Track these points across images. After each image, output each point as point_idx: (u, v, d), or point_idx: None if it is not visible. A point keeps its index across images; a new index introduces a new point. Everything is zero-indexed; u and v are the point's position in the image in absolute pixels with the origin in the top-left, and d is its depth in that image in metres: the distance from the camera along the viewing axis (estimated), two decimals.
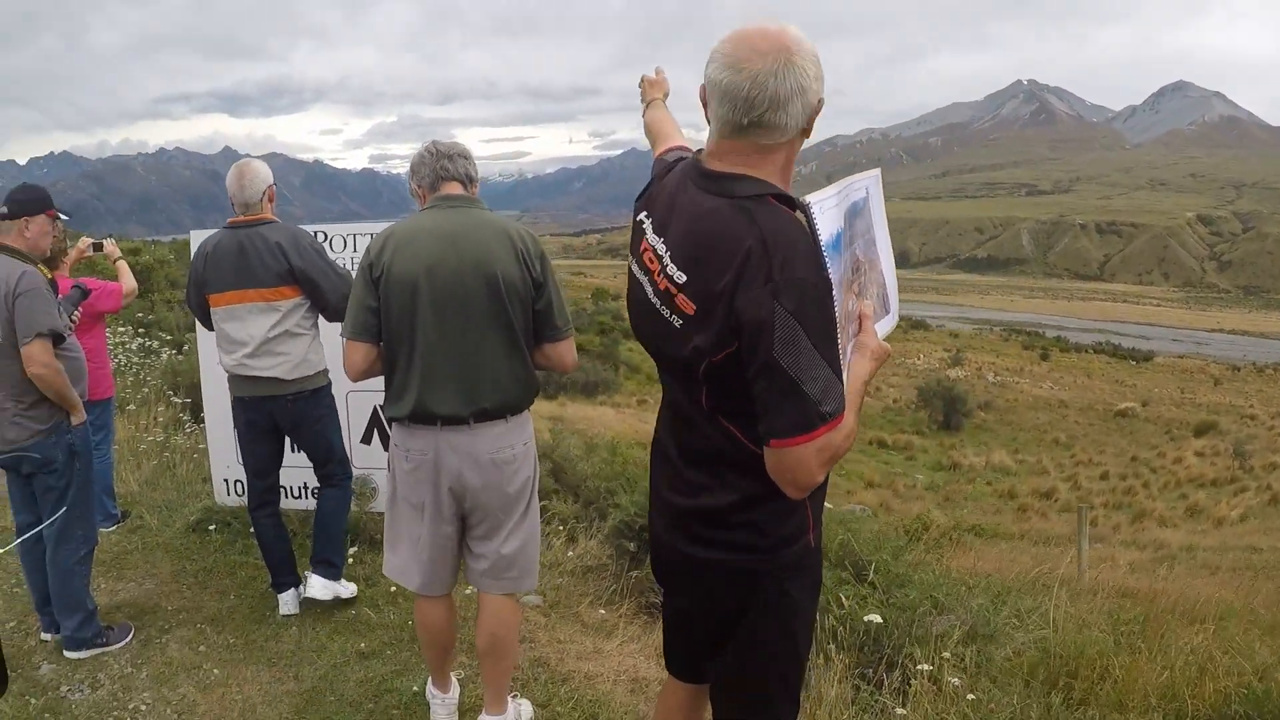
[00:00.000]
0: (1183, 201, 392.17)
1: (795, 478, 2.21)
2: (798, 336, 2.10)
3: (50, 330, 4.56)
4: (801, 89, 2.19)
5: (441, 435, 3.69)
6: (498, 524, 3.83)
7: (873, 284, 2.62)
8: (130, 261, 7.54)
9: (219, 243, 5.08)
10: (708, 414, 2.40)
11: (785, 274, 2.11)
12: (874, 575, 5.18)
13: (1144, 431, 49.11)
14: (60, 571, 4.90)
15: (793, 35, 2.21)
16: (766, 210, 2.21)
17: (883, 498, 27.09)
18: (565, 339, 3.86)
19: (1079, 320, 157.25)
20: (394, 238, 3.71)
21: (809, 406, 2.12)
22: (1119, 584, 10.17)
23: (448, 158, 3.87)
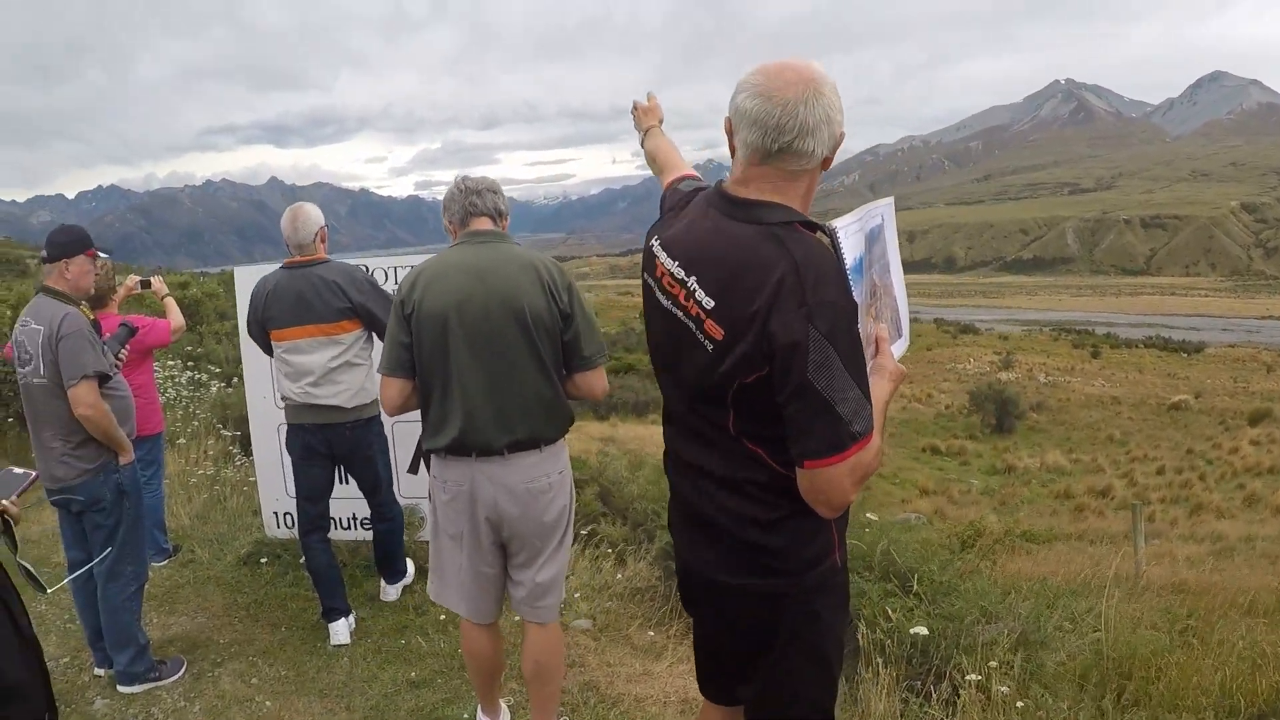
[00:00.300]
0: (1225, 191, 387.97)
1: (829, 497, 2.25)
2: (831, 358, 2.15)
3: (95, 372, 4.64)
4: (828, 119, 2.27)
5: (477, 466, 3.76)
6: (536, 552, 3.88)
7: (887, 308, 2.68)
8: (178, 295, 7.65)
9: (279, 282, 5.34)
10: (734, 438, 2.42)
11: (817, 297, 2.17)
12: (919, 586, 5.15)
13: (1198, 423, 48.50)
14: (111, 608, 4.96)
15: (818, 69, 2.29)
16: (796, 237, 2.27)
17: (937, 505, 26.96)
18: (595, 368, 3.90)
19: (1128, 315, 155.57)
20: (424, 275, 3.79)
21: (841, 427, 2.17)
22: (1176, 579, 10.08)
23: (476, 193, 3.94)
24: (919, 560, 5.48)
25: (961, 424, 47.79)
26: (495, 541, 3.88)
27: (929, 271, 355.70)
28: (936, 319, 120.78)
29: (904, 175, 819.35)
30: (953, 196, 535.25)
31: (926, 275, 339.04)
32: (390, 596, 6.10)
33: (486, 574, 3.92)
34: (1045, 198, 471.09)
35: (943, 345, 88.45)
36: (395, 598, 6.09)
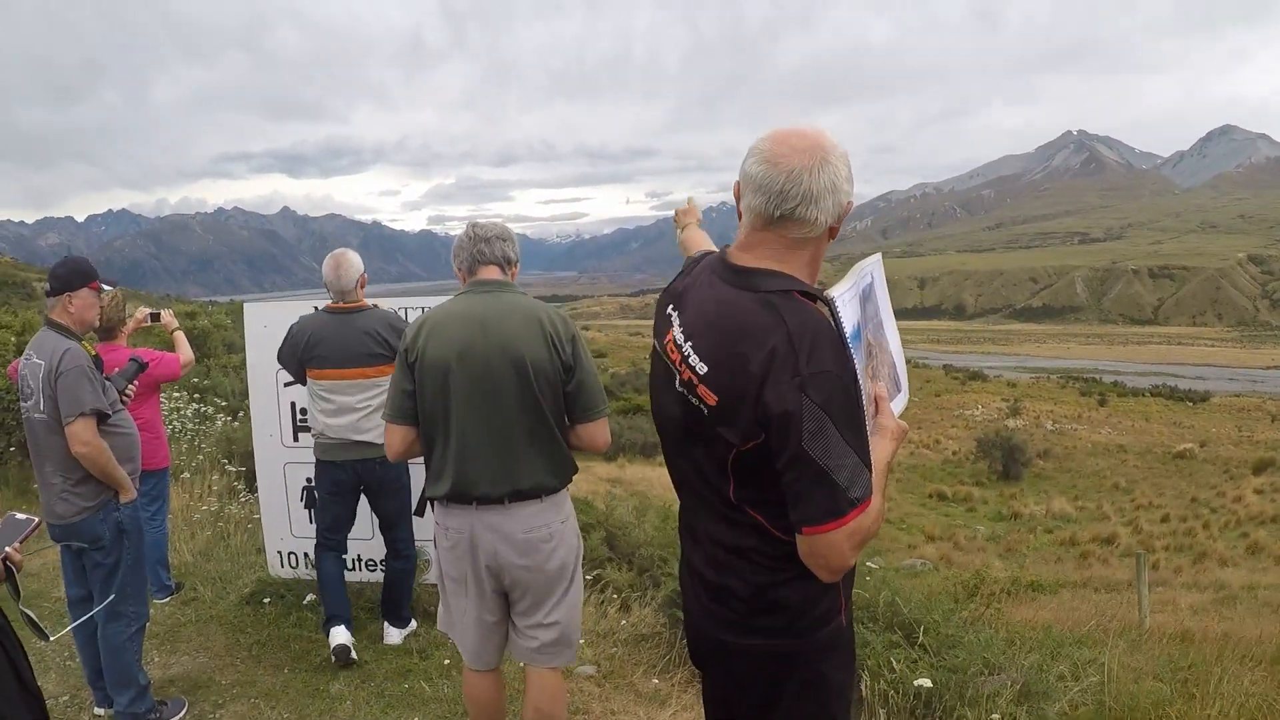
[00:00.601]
0: (1233, 242, 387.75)
1: (829, 562, 2.27)
2: (826, 427, 2.17)
3: (93, 409, 4.62)
4: (834, 187, 2.29)
5: (477, 515, 3.78)
6: (538, 601, 3.88)
7: (884, 365, 2.67)
8: (186, 326, 7.68)
9: (323, 325, 5.67)
10: (735, 505, 2.43)
11: (812, 367, 2.19)
12: (924, 637, 5.13)
13: (1203, 472, 48.28)
14: (112, 648, 4.93)
15: (828, 138, 2.31)
16: (792, 305, 2.28)
17: (944, 551, 26.85)
18: (597, 420, 3.91)
19: (1135, 364, 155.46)
20: (428, 323, 3.83)
21: (839, 494, 2.18)
22: (1180, 628, 10.01)
23: (485, 241, 3.98)
24: (923, 611, 5.46)
25: (968, 470, 47.66)
26: (497, 590, 3.89)
27: (939, 318, 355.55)
28: (945, 365, 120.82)
29: (916, 222, 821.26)
30: (964, 244, 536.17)
31: (937, 321, 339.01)
32: (393, 640, 6.09)
33: (488, 621, 3.93)
34: (1055, 246, 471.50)
35: (951, 391, 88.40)
36: (399, 643, 6.06)
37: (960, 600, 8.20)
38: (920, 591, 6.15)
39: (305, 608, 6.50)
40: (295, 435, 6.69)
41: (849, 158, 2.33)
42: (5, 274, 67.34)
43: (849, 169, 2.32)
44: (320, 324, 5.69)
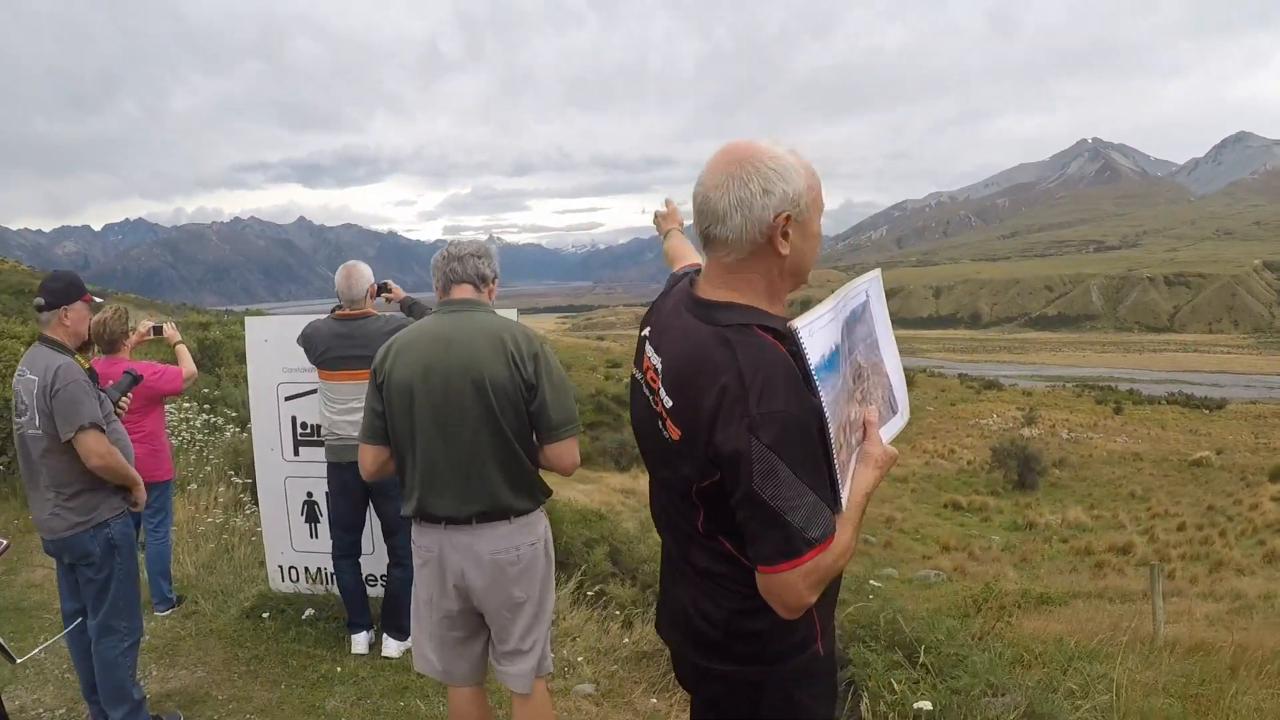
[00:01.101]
0: (1249, 249, 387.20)
1: (784, 601, 2.21)
2: (776, 468, 2.11)
3: (91, 422, 4.61)
4: (741, 202, 2.21)
5: (445, 534, 3.80)
6: (506, 622, 3.87)
7: (877, 388, 2.56)
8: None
9: (332, 328, 5.90)
10: (705, 535, 2.40)
11: (762, 408, 2.12)
12: (926, 657, 5.06)
13: (1219, 480, 48.11)
14: (104, 663, 4.89)
15: (755, 148, 2.24)
16: (748, 340, 2.21)
17: (958, 561, 26.78)
18: (562, 440, 3.87)
19: (1151, 372, 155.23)
20: (396, 344, 3.86)
21: (793, 534, 2.13)
22: (1195, 639, 9.94)
23: (458, 260, 3.98)
24: (926, 629, 5.39)
25: (984, 480, 47.63)
26: (466, 609, 3.88)
27: (955, 327, 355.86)
28: (961, 374, 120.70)
29: (931, 230, 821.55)
30: (979, 252, 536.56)
31: (952, 330, 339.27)
32: (390, 651, 6.08)
33: (456, 637, 3.93)
34: (1070, 255, 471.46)
35: (966, 401, 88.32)
36: (396, 655, 6.05)
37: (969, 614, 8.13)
38: (930, 604, 6.07)
39: (304, 622, 6.47)
40: (296, 449, 6.66)
41: (785, 164, 2.23)
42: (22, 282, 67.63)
43: (769, 181, 2.22)
44: (330, 329, 5.91)
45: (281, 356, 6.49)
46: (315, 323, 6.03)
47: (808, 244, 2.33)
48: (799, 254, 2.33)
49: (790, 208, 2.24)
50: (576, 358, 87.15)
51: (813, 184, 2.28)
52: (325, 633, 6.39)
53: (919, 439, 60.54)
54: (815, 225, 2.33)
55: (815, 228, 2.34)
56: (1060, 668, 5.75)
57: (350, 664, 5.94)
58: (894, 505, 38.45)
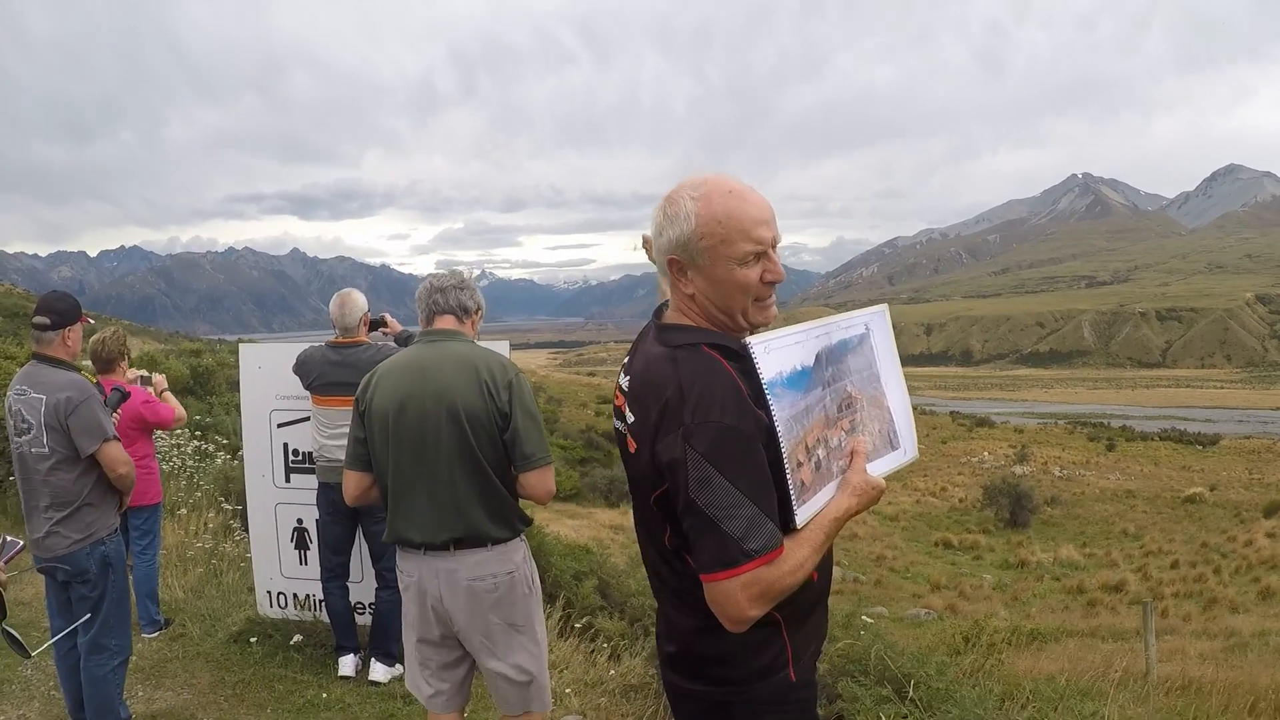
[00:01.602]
0: (1240, 282, 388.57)
1: (725, 610, 2.25)
2: (711, 477, 2.18)
3: (114, 435, 4.76)
4: (658, 230, 2.40)
5: (424, 560, 3.86)
6: (485, 648, 3.90)
7: (874, 420, 2.57)
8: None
9: (325, 356, 5.98)
10: (672, 550, 2.44)
11: (697, 418, 2.20)
12: (915, 692, 5.05)
13: (1213, 516, 48.11)
14: (93, 680, 4.92)
15: (672, 190, 2.38)
16: (692, 357, 2.31)
17: (949, 600, 26.73)
18: (537, 469, 3.92)
19: (1144, 408, 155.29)
20: (378, 374, 3.96)
21: (729, 543, 2.18)
22: (1187, 678, 9.91)
23: (440, 291, 4.10)
24: (915, 664, 5.37)
25: (975, 518, 47.61)
26: (446, 634, 3.92)
27: (946, 364, 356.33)
28: (952, 412, 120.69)
29: (922, 268, 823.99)
30: (970, 289, 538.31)
31: (943, 368, 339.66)
32: (378, 676, 6.07)
33: (439, 662, 3.98)
34: (1062, 291, 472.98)
35: (958, 438, 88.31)
36: (384, 680, 6.04)
37: (960, 651, 8.10)
38: (919, 642, 6.05)
39: (292, 648, 6.45)
40: (288, 476, 6.66)
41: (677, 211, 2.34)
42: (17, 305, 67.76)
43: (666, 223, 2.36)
44: (322, 356, 5.99)
45: (275, 384, 6.50)
46: (309, 349, 6.12)
47: (715, 288, 2.37)
48: (706, 295, 2.40)
49: (678, 252, 2.37)
50: (567, 393, 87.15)
51: (713, 230, 2.31)
52: (312, 659, 6.38)
53: (910, 477, 60.45)
54: (722, 272, 2.35)
55: (724, 274, 2.35)
56: (1051, 705, 5.73)
57: (337, 690, 5.92)
58: (885, 544, 38.44)
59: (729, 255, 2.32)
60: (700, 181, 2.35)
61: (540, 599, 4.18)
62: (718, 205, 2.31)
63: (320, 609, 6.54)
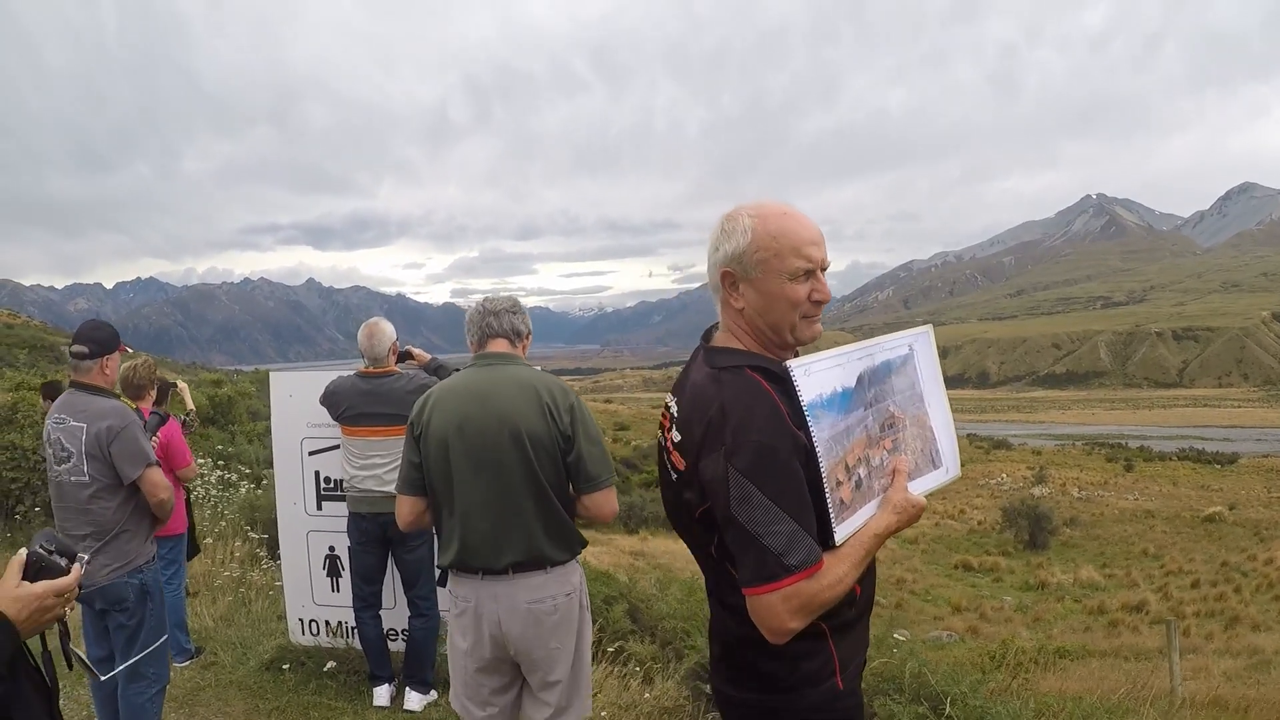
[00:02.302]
0: (1256, 301, 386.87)
1: (766, 624, 2.32)
2: (751, 494, 2.26)
3: (156, 460, 4.82)
4: (714, 248, 2.53)
5: (482, 585, 3.82)
6: (544, 672, 3.88)
7: (917, 439, 2.64)
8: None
9: (355, 385, 6.00)
10: (717, 561, 2.51)
11: (738, 438, 2.29)
12: (951, 709, 5.05)
13: (1233, 535, 47.80)
14: (131, 709, 4.93)
15: (729, 211, 2.51)
16: (735, 379, 2.41)
17: (970, 622, 26.62)
18: (601, 490, 3.92)
19: (1161, 428, 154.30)
20: (434, 397, 3.92)
21: (770, 558, 2.25)
22: (1213, 695, 9.88)
23: (494, 315, 4.07)
24: (950, 682, 5.38)
25: (994, 540, 47.32)
26: (502, 658, 3.89)
27: (963, 386, 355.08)
28: (970, 434, 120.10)
29: (938, 290, 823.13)
30: (986, 311, 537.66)
31: (960, 390, 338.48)
32: (413, 705, 6.07)
33: (491, 686, 3.94)
34: (1078, 312, 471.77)
35: (976, 461, 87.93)
36: (418, 709, 6.04)
37: (987, 671, 8.09)
38: (947, 663, 6.05)
39: (325, 675, 6.48)
40: (319, 504, 6.70)
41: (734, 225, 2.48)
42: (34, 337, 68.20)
43: (723, 238, 2.49)
44: (352, 386, 6.00)
45: (305, 412, 6.53)
46: (339, 379, 6.13)
47: (765, 301, 2.48)
48: (756, 309, 2.50)
49: (732, 265, 2.49)
50: None
51: (766, 244, 2.43)
52: (346, 685, 6.40)
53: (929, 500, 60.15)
54: (774, 286, 2.45)
55: (775, 288, 2.45)
56: None
57: (372, 717, 5.94)
58: (904, 567, 38.27)
59: (780, 269, 2.43)
60: (759, 203, 2.47)
61: (590, 622, 4.17)
62: (773, 223, 2.43)
63: (353, 635, 6.55)
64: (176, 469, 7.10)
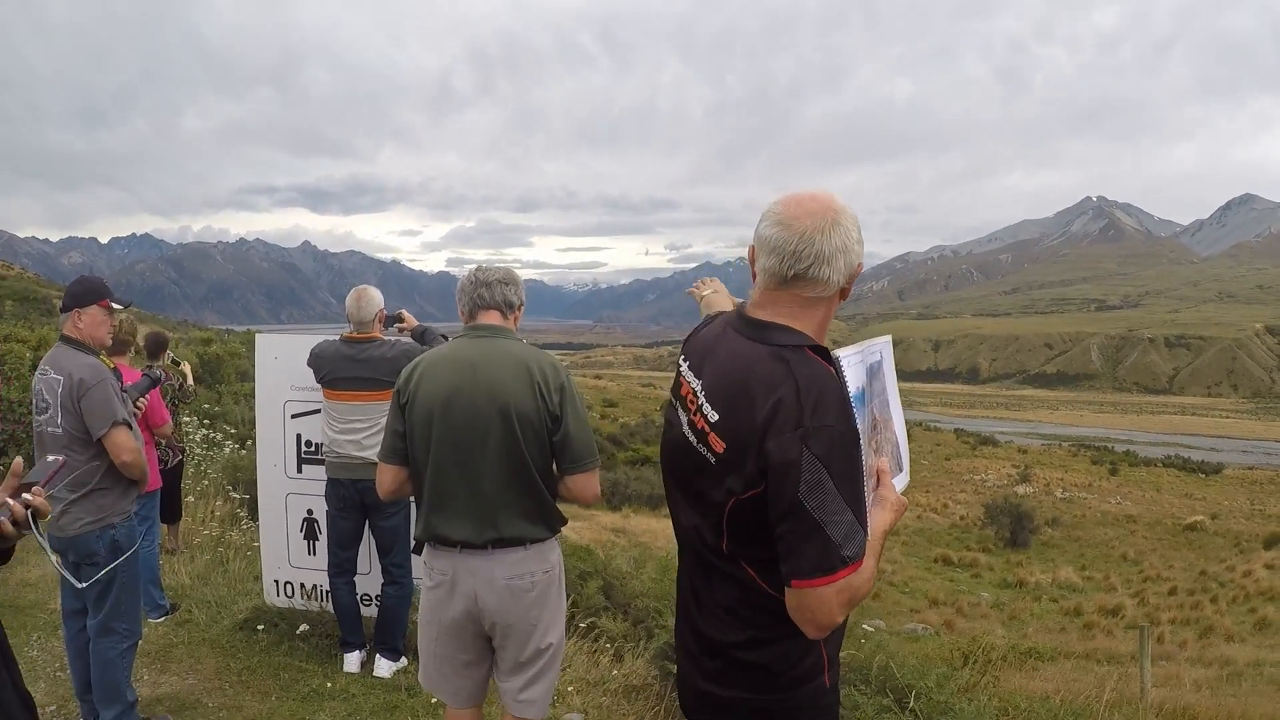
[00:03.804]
0: (1250, 313, 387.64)
1: (816, 618, 2.26)
2: (823, 480, 2.19)
3: (123, 419, 4.73)
4: (845, 248, 2.37)
5: (460, 559, 3.77)
6: (518, 648, 3.85)
7: (887, 442, 2.70)
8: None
9: (339, 350, 6.01)
10: (728, 557, 2.46)
11: (815, 420, 2.22)
12: (915, 703, 5.09)
13: (1213, 545, 47.95)
14: (102, 662, 4.93)
15: (839, 201, 2.38)
16: (803, 359, 2.33)
17: (946, 616, 26.67)
18: (584, 472, 3.87)
19: (1148, 434, 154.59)
20: (421, 365, 3.85)
21: (831, 549, 2.20)
22: (1181, 704, 9.94)
23: (485, 285, 3.99)
24: (916, 676, 5.42)
25: (975, 536, 47.43)
26: (477, 633, 3.85)
27: (953, 381, 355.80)
28: (957, 429, 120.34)
29: (933, 284, 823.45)
30: (980, 307, 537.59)
31: (950, 385, 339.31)
32: (382, 672, 6.10)
33: (463, 660, 3.90)
34: (1071, 313, 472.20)
35: (961, 456, 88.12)
36: (388, 676, 6.07)
37: (956, 667, 8.13)
38: (916, 656, 6.09)
39: (298, 637, 6.50)
40: (299, 467, 6.72)
41: (859, 220, 2.39)
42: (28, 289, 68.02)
43: (859, 231, 2.39)
44: (335, 350, 6.01)
45: (290, 374, 6.55)
46: (323, 343, 6.13)
47: (831, 316, 2.51)
48: (827, 322, 2.50)
49: (850, 279, 2.44)
50: None
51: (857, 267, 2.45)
52: (318, 648, 6.43)
53: (911, 492, 59.45)
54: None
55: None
56: None
57: (342, 680, 5.96)
58: (884, 558, 37.90)
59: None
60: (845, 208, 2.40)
61: (565, 599, 4.14)
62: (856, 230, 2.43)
63: (327, 599, 6.57)
64: (154, 426, 7.11)
